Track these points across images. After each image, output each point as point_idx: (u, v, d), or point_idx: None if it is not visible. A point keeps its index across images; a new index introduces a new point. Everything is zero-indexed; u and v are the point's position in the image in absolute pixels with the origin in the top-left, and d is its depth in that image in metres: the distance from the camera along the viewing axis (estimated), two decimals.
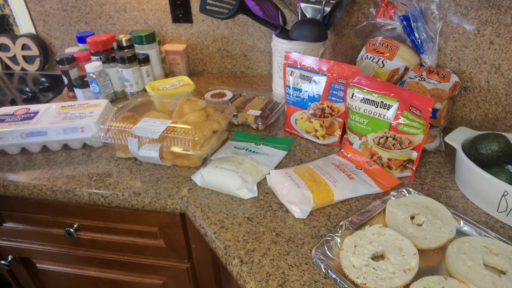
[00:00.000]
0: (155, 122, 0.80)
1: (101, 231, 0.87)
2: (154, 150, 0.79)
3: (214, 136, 0.83)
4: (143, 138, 0.79)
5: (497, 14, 0.76)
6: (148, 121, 0.81)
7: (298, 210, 0.66)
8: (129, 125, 0.80)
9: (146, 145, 0.79)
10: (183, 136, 0.76)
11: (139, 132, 0.78)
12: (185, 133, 0.77)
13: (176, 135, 0.77)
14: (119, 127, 0.80)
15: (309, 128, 0.89)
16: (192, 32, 1.28)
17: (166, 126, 0.79)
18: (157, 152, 0.78)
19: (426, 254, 0.58)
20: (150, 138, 0.78)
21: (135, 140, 0.79)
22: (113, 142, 0.81)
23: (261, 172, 0.76)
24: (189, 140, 0.76)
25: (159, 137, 0.77)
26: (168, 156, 0.81)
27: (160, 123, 0.80)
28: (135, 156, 0.83)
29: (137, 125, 0.80)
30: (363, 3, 1.01)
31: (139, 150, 0.80)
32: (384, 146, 0.74)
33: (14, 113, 0.92)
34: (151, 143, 0.79)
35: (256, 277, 0.56)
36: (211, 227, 0.66)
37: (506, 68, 0.79)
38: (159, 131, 0.78)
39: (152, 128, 0.79)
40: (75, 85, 1.06)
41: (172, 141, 0.77)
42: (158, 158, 0.79)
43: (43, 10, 1.34)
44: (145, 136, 0.78)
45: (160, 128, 0.78)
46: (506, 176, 0.65)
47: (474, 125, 0.88)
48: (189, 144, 0.76)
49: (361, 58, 0.96)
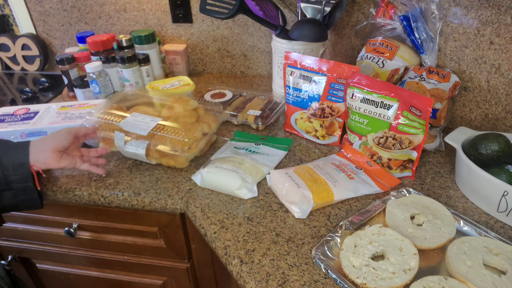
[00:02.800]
0: (144, 118, 0.78)
1: (101, 231, 0.87)
2: (141, 147, 0.76)
3: (203, 138, 0.81)
4: (130, 134, 0.76)
5: (497, 14, 0.76)
6: (138, 116, 0.78)
7: (298, 210, 0.66)
8: (117, 118, 0.77)
9: (133, 141, 0.77)
10: (173, 136, 0.74)
11: (128, 127, 0.76)
12: (175, 133, 0.75)
13: (165, 134, 0.75)
14: (107, 120, 0.77)
15: (309, 128, 0.89)
16: (192, 32, 1.28)
17: (155, 123, 0.77)
18: (144, 149, 0.76)
19: (426, 254, 0.58)
20: (137, 134, 0.75)
21: (122, 135, 0.76)
22: (100, 135, 0.78)
23: (261, 172, 0.76)
24: (178, 140, 0.74)
25: (148, 134, 0.75)
26: (154, 154, 0.78)
27: (149, 120, 0.77)
28: (120, 151, 0.80)
29: (126, 119, 0.77)
30: (363, 3, 1.01)
31: (125, 145, 0.77)
32: (384, 146, 0.74)
33: (14, 113, 0.92)
34: (139, 140, 0.77)
35: (256, 277, 0.56)
36: (211, 227, 0.66)
37: (506, 68, 0.79)
38: (148, 128, 0.75)
39: (141, 124, 0.76)
40: (75, 85, 1.06)
41: (160, 140, 0.75)
42: (144, 155, 0.77)
43: (43, 10, 1.34)
44: (133, 131, 0.75)
45: (150, 125, 0.76)
46: (506, 176, 0.65)
47: (474, 125, 0.88)
48: (178, 144, 0.74)
49: (361, 58, 0.96)
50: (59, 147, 0.70)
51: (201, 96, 1.06)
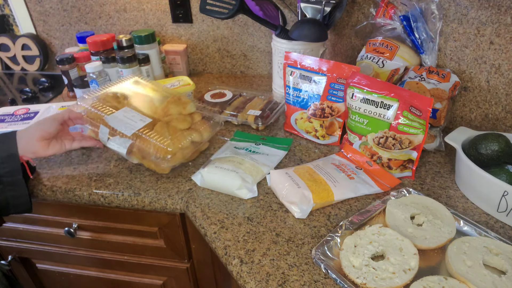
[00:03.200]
0: (134, 116, 0.74)
1: (101, 231, 0.87)
2: (123, 146, 0.73)
3: (191, 146, 0.77)
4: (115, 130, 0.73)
5: (497, 14, 0.76)
6: (128, 112, 0.75)
7: (298, 210, 0.66)
8: (107, 110, 0.74)
9: (117, 138, 0.74)
10: (156, 141, 0.71)
11: (113, 123, 0.72)
12: (160, 139, 0.71)
13: (149, 138, 0.71)
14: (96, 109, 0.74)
15: (309, 128, 0.89)
16: (192, 32, 1.28)
17: (144, 124, 0.74)
18: (126, 149, 0.73)
19: (426, 254, 0.58)
20: (122, 133, 0.73)
21: (106, 130, 0.73)
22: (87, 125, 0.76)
23: (261, 172, 0.76)
24: (161, 148, 0.71)
25: (132, 135, 0.72)
26: (137, 154, 0.76)
27: (138, 119, 0.74)
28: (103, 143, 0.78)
29: (114, 114, 0.74)
30: (363, 3, 1.01)
31: (108, 141, 0.74)
32: (384, 146, 0.74)
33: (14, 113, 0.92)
34: (122, 137, 0.73)
35: (256, 277, 0.56)
36: (211, 227, 0.66)
37: (506, 68, 0.79)
38: (134, 128, 0.72)
39: (129, 122, 0.73)
40: (75, 85, 1.06)
41: (143, 143, 0.72)
42: (125, 154, 0.74)
43: (43, 10, 1.34)
44: (118, 129, 0.72)
45: (137, 125, 0.73)
46: (506, 176, 0.65)
47: (474, 125, 0.88)
48: (160, 152, 0.71)
49: (361, 58, 0.96)
50: (45, 135, 0.68)
51: (201, 96, 1.06)
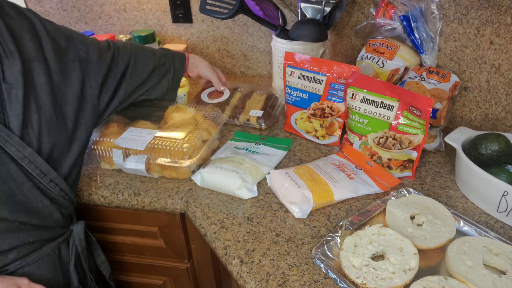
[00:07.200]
0: (141, 132, 0.77)
1: (101, 231, 0.87)
2: (140, 162, 0.75)
3: (203, 145, 0.79)
4: (128, 150, 0.75)
5: (497, 14, 0.76)
6: (134, 131, 0.77)
7: (298, 210, 0.66)
8: (112, 136, 0.76)
9: (132, 157, 0.75)
10: (171, 147, 0.73)
11: (124, 143, 0.74)
12: (173, 143, 0.73)
13: (163, 146, 0.73)
14: (103, 139, 0.76)
15: (309, 128, 0.89)
16: (192, 32, 1.28)
17: (152, 136, 0.76)
18: (143, 164, 0.74)
19: (426, 254, 0.58)
20: (135, 150, 0.74)
21: (119, 152, 0.74)
22: (100, 153, 0.77)
23: (261, 172, 0.76)
24: (177, 151, 0.72)
25: (145, 148, 0.73)
26: (156, 167, 0.77)
27: (146, 133, 0.76)
28: (121, 168, 0.79)
29: (121, 136, 0.76)
30: (363, 3, 1.01)
31: (124, 162, 0.76)
32: (384, 146, 0.74)
33: None
34: (137, 155, 0.75)
35: (256, 277, 0.56)
36: (211, 227, 0.66)
37: (506, 68, 0.79)
38: (145, 142, 0.74)
39: (138, 139, 0.75)
40: None
41: (159, 152, 0.74)
42: (145, 170, 0.75)
43: (43, 10, 1.34)
44: (130, 147, 0.74)
45: (146, 138, 0.75)
46: (506, 176, 0.65)
47: (474, 125, 0.88)
48: (177, 155, 0.72)
49: (361, 58, 0.96)
50: None
51: (198, 95, 1.04)
